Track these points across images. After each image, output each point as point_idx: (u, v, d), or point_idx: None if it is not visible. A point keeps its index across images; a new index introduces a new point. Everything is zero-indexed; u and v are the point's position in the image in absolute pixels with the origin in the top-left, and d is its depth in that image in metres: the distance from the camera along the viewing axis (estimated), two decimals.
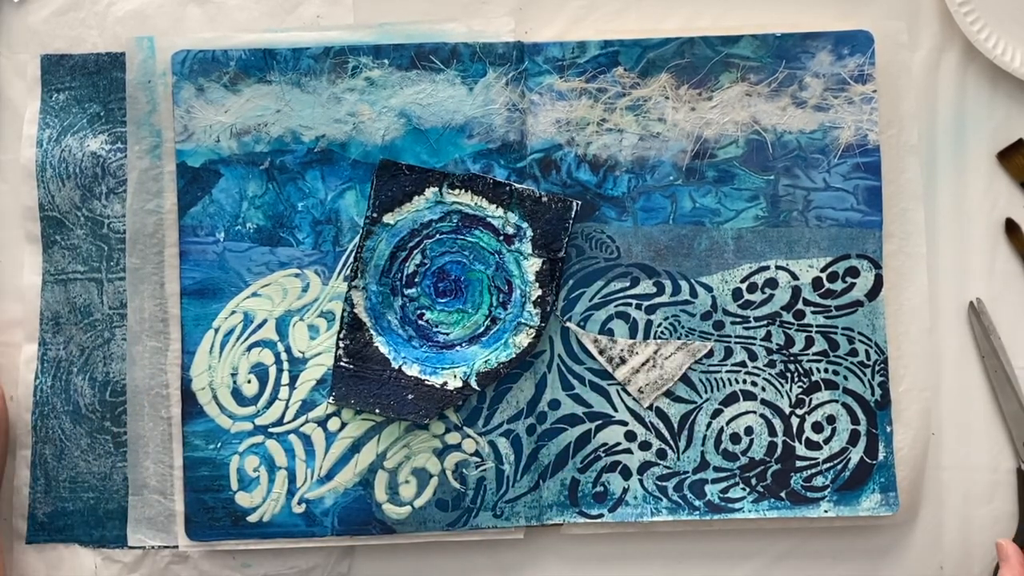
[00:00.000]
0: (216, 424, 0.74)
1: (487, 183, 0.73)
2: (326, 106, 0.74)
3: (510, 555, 0.75)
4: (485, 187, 0.73)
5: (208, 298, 0.74)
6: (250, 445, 0.74)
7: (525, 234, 0.73)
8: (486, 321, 0.73)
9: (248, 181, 0.74)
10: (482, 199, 0.73)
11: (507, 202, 0.73)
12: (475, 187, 0.73)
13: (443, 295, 0.73)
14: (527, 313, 0.73)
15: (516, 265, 0.73)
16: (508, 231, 0.73)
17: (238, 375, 0.74)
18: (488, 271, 0.73)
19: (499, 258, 0.73)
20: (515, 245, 0.73)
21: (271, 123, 0.74)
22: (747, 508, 0.73)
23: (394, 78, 0.75)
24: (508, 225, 0.73)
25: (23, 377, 0.76)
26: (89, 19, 0.77)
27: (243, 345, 0.74)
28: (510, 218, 0.73)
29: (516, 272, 0.73)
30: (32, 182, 0.76)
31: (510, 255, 0.73)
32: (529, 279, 0.73)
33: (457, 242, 0.73)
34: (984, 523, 0.76)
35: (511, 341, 0.73)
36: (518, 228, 0.73)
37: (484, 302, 0.73)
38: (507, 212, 0.73)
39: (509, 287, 0.73)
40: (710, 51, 0.75)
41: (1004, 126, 0.77)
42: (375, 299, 0.73)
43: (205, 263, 0.74)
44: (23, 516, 0.76)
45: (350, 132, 0.74)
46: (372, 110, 0.74)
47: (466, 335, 0.73)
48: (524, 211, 0.73)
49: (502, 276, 0.73)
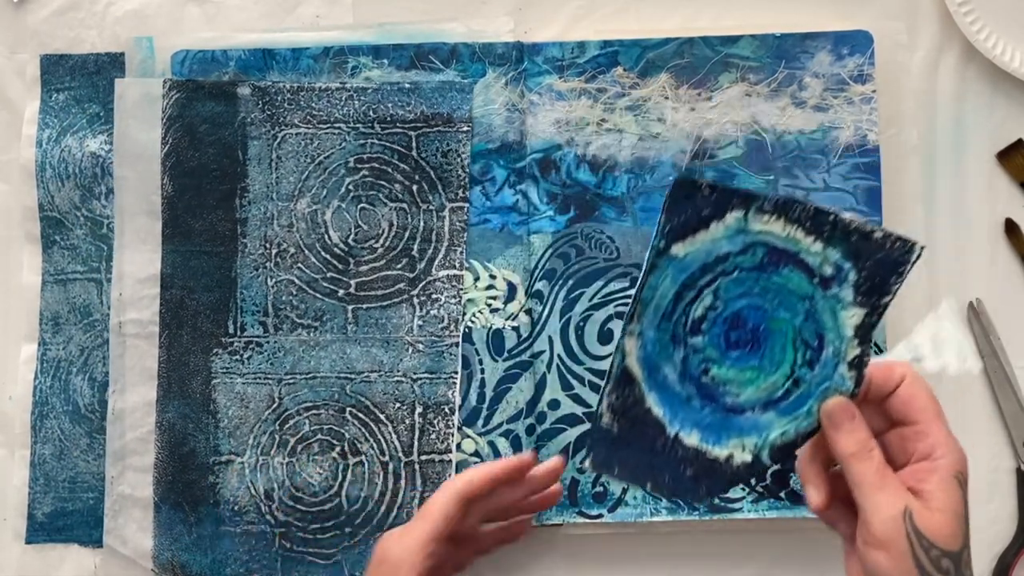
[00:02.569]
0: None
1: (806, 210, 0.58)
2: None
3: (510, 555, 0.75)
4: (803, 214, 0.58)
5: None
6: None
7: (847, 277, 0.58)
8: (787, 383, 0.59)
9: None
10: (797, 229, 0.58)
11: (828, 235, 0.58)
12: (790, 214, 0.58)
13: (735, 347, 0.59)
14: (839, 376, 0.58)
15: (831, 315, 0.59)
16: (826, 272, 0.58)
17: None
18: (795, 320, 0.59)
19: (810, 305, 0.59)
20: (833, 290, 0.58)
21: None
22: (747, 508, 0.73)
23: (394, 78, 0.75)
24: (827, 264, 0.58)
25: (22, 377, 0.76)
26: (88, 19, 0.77)
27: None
28: (830, 255, 0.58)
29: (830, 324, 0.59)
30: (32, 182, 0.76)
31: (825, 302, 0.59)
32: (846, 333, 0.58)
33: (760, 282, 0.59)
34: (984, 523, 0.75)
35: (815, 409, 0.59)
36: (839, 269, 0.58)
37: (786, 359, 0.59)
38: (827, 248, 0.58)
39: (820, 342, 0.59)
40: (710, 51, 0.75)
41: (1004, 126, 0.77)
42: (651, 347, 0.59)
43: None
44: (23, 516, 0.76)
45: None
46: None
47: (760, 398, 0.59)
48: (849, 248, 0.58)
49: (812, 328, 0.59)
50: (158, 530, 0.73)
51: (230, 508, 0.73)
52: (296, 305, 0.74)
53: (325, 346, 0.74)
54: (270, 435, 0.74)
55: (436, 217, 0.75)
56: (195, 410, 0.74)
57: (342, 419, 0.74)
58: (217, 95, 0.75)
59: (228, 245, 0.74)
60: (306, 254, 0.74)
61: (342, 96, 0.74)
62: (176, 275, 0.74)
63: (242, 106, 0.74)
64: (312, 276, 0.74)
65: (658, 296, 0.58)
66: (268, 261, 0.74)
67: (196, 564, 0.73)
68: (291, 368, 0.74)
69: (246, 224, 0.74)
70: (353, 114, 0.74)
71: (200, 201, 0.74)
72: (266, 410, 0.74)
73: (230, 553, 0.73)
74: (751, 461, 0.59)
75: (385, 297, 0.74)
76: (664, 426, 0.58)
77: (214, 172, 0.75)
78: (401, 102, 0.75)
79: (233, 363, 0.74)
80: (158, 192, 0.74)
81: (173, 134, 0.74)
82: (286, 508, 0.73)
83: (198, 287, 0.74)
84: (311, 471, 0.74)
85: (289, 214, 0.74)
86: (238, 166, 0.74)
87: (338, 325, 0.74)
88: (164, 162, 0.74)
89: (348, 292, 0.74)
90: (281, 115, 0.74)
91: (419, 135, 0.75)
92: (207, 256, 0.74)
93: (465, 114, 0.74)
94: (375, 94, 0.75)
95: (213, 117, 0.74)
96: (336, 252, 0.74)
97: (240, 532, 0.73)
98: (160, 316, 0.74)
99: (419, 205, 0.75)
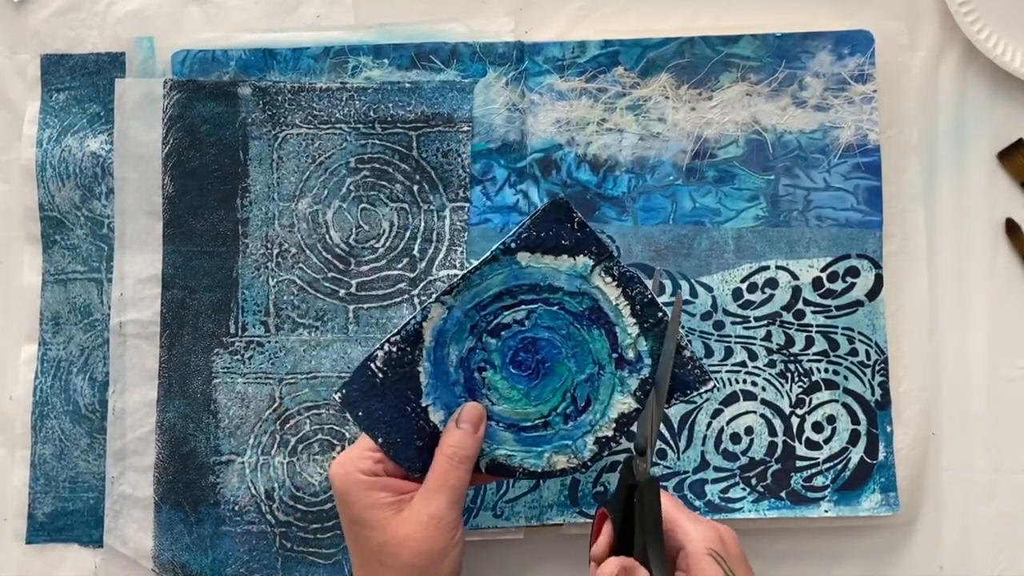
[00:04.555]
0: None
1: (643, 295, 0.62)
2: None
3: (510, 555, 0.75)
4: (639, 296, 0.63)
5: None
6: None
7: (640, 370, 0.63)
8: (539, 420, 0.64)
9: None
10: (627, 306, 0.62)
11: (649, 327, 0.63)
12: (629, 289, 0.62)
13: (517, 365, 0.63)
14: (583, 442, 0.64)
15: (608, 391, 0.64)
16: (627, 355, 0.63)
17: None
18: (577, 376, 0.64)
19: (598, 371, 0.63)
20: (623, 372, 0.63)
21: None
22: (747, 508, 0.73)
23: (394, 78, 0.75)
24: (632, 349, 0.63)
25: (23, 377, 0.76)
26: (89, 19, 0.77)
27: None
28: (639, 344, 0.63)
29: (603, 397, 0.64)
30: (32, 182, 0.76)
31: (610, 378, 0.63)
32: (610, 414, 0.64)
33: (570, 327, 0.63)
34: (984, 523, 0.76)
35: (547, 456, 0.64)
36: (639, 359, 0.63)
37: (551, 401, 0.64)
38: (641, 336, 0.63)
39: (585, 406, 0.64)
40: (710, 51, 0.75)
41: (1004, 126, 0.77)
42: (451, 324, 0.63)
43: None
44: (23, 516, 0.76)
45: None
46: None
47: (510, 418, 0.64)
48: (658, 348, 0.63)
49: (587, 391, 0.64)
50: (159, 530, 0.73)
51: (231, 508, 0.73)
52: (297, 305, 0.74)
53: (326, 346, 0.74)
54: (271, 435, 0.74)
55: (437, 217, 0.75)
56: (196, 410, 0.74)
57: (343, 419, 0.74)
58: (218, 95, 0.75)
59: (229, 245, 0.74)
60: (307, 254, 0.74)
61: (343, 96, 0.74)
62: (177, 275, 0.74)
63: (243, 106, 0.74)
64: (313, 276, 0.74)
65: (483, 286, 0.62)
66: (269, 261, 0.74)
67: (196, 564, 0.73)
68: (292, 368, 0.74)
69: (247, 224, 0.74)
70: (354, 114, 0.74)
71: (201, 201, 0.74)
72: (267, 410, 0.74)
73: (230, 553, 0.73)
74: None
75: (386, 297, 0.74)
76: (421, 395, 0.62)
77: (215, 172, 0.75)
78: (402, 102, 0.75)
79: (234, 363, 0.74)
80: (159, 192, 0.74)
81: (174, 134, 0.74)
82: (287, 508, 0.73)
83: (199, 287, 0.74)
84: (312, 471, 0.74)
85: (290, 214, 0.74)
86: (239, 166, 0.74)
87: (339, 325, 0.74)
88: (165, 162, 0.74)
89: (349, 292, 0.74)
90: (282, 115, 0.74)
91: (420, 135, 0.75)
92: (208, 256, 0.74)
93: (466, 114, 0.74)
94: (376, 94, 0.75)
95: (214, 117, 0.74)
96: (337, 252, 0.74)
97: (240, 532, 0.73)
98: (161, 316, 0.74)
99: (420, 205, 0.75)
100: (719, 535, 0.63)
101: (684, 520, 0.63)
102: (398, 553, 0.61)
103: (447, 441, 0.62)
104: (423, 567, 0.61)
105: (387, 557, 0.61)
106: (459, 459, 0.62)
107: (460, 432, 0.62)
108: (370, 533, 0.61)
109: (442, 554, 0.61)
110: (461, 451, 0.62)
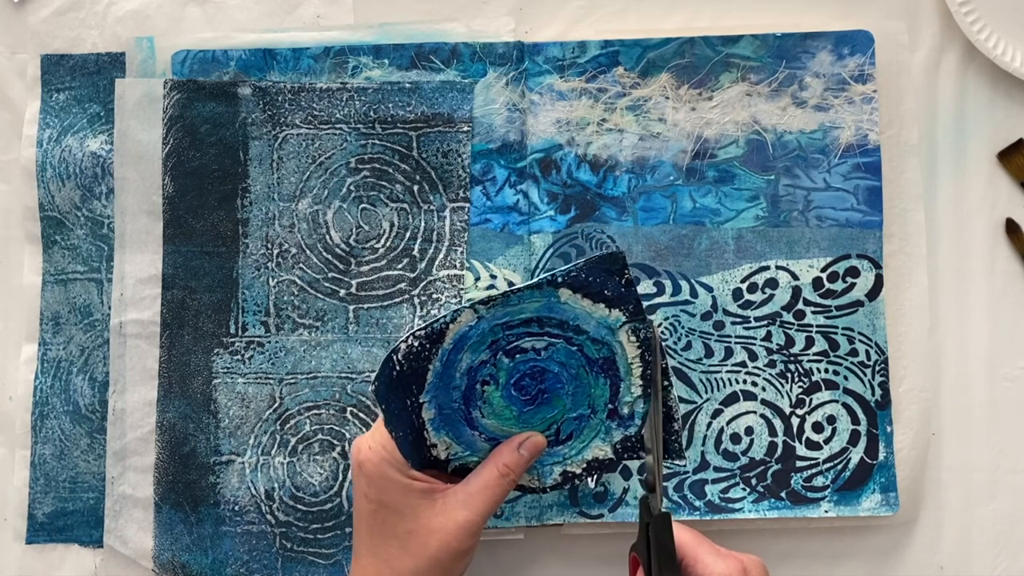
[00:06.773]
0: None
1: (658, 364, 0.63)
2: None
3: (510, 555, 0.75)
4: (653, 364, 0.63)
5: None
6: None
7: (628, 427, 0.65)
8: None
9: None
10: (641, 368, 0.64)
11: (649, 391, 0.64)
12: (646, 355, 0.63)
13: (518, 388, 0.64)
14: (549, 469, 0.66)
15: (591, 435, 0.65)
16: (623, 410, 0.65)
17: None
18: (569, 413, 0.65)
19: (590, 414, 0.65)
20: (612, 423, 0.65)
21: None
22: (747, 508, 0.73)
23: (394, 78, 0.75)
24: (628, 407, 0.64)
25: (23, 377, 0.76)
26: (89, 19, 0.77)
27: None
28: (637, 405, 0.64)
29: (584, 437, 0.65)
30: (32, 182, 0.76)
31: (599, 425, 0.65)
32: (585, 455, 0.66)
33: (580, 369, 0.64)
34: (984, 523, 0.76)
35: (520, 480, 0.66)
36: (631, 417, 0.65)
37: (536, 428, 0.65)
38: (642, 398, 0.64)
39: (566, 440, 0.66)
40: (710, 51, 0.75)
41: (1004, 126, 0.77)
42: (473, 334, 0.62)
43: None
44: (23, 516, 0.76)
45: None
46: None
47: (493, 432, 0.65)
48: (649, 409, 0.64)
49: (571, 427, 0.65)
50: (159, 530, 0.73)
51: (231, 508, 0.73)
52: (297, 305, 0.74)
53: (326, 346, 0.74)
54: (271, 435, 0.74)
55: (437, 217, 0.75)
56: (196, 410, 0.74)
57: (343, 419, 0.74)
58: (218, 95, 0.75)
59: (230, 245, 0.74)
60: (307, 254, 0.74)
61: (343, 96, 0.74)
62: (177, 275, 0.74)
63: (243, 106, 0.74)
64: (313, 276, 0.74)
65: (518, 308, 0.62)
66: (269, 261, 0.74)
67: (196, 564, 0.73)
68: (292, 368, 0.74)
69: (247, 224, 0.74)
70: (354, 114, 0.74)
71: (201, 201, 0.74)
72: (267, 410, 0.74)
73: (230, 553, 0.73)
74: (443, 460, 0.64)
75: (386, 297, 0.74)
76: (423, 390, 0.62)
77: (215, 172, 0.75)
78: (402, 102, 0.75)
79: (234, 363, 0.74)
80: (159, 192, 0.74)
81: (174, 134, 0.74)
82: (287, 508, 0.73)
83: (199, 287, 0.74)
84: (312, 471, 0.74)
85: (290, 214, 0.74)
86: (239, 166, 0.74)
87: (339, 325, 0.74)
88: (165, 162, 0.74)
89: (349, 292, 0.74)
90: (282, 115, 0.74)
91: (420, 135, 0.75)
92: (208, 256, 0.74)
93: (466, 114, 0.74)
94: (376, 94, 0.75)
95: (214, 117, 0.74)
96: (337, 252, 0.74)
97: (241, 532, 0.73)
98: (161, 316, 0.74)
99: (420, 205, 0.75)
100: (742, 567, 0.62)
101: (705, 555, 0.62)
102: (427, 543, 0.62)
103: (503, 459, 0.63)
104: (445, 563, 0.62)
105: (413, 545, 0.62)
106: (509, 479, 0.63)
107: (518, 455, 0.63)
108: (398, 519, 0.62)
109: (464, 555, 0.63)
110: (513, 473, 0.63)
